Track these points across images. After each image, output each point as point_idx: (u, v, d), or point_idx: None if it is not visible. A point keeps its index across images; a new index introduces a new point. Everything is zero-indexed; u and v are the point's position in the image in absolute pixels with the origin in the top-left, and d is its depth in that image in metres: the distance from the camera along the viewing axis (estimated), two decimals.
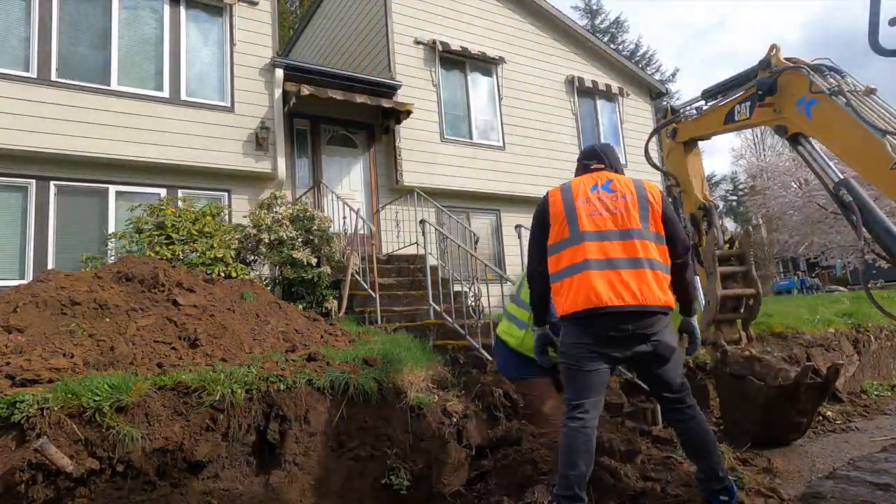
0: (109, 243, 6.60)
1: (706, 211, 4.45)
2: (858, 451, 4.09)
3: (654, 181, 4.93)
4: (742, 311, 4.51)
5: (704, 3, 62.92)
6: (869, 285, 3.49)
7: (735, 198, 31.33)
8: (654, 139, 5.05)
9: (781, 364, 4.32)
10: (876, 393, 6.20)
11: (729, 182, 31.81)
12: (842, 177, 3.20)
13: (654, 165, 4.93)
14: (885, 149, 2.71)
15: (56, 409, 2.63)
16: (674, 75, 32.80)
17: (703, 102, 4.48)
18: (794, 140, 3.44)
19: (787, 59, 3.50)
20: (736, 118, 3.83)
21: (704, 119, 4.34)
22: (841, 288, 20.86)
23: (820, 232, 15.95)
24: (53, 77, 6.99)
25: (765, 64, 3.59)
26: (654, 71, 30.22)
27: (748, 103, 3.70)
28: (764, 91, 3.40)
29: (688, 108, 4.66)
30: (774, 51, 3.55)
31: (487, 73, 10.90)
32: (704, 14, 64.90)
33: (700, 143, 4.70)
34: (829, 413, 5.25)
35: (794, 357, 6.11)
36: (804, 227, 16.25)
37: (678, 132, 4.59)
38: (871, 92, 2.99)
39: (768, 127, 3.69)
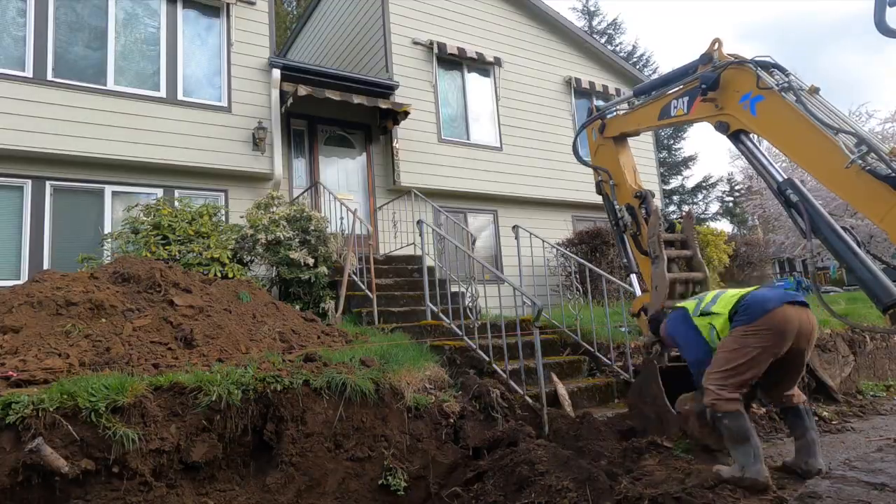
0: (106, 244, 6.58)
1: (642, 198, 4.37)
2: (854, 451, 4.10)
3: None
4: (689, 296, 4.28)
5: (704, 3, 63.07)
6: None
7: (731, 199, 31.42)
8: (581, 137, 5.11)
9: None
10: (871, 393, 6.22)
11: (725, 183, 31.88)
12: (785, 177, 3.14)
13: (582, 161, 4.98)
14: (837, 147, 2.65)
15: (51, 409, 2.62)
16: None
17: (633, 99, 4.45)
18: (736, 137, 3.36)
19: (729, 54, 3.41)
20: (672, 113, 3.75)
21: (636, 114, 4.30)
22: (836, 289, 20.92)
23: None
24: (49, 77, 6.96)
25: (706, 59, 3.49)
26: (651, 72, 30.27)
27: (685, 98, 3.62)
28: (708, 85, 3.31)
29: (614, 106, 4.71)
30: (717, 45, 3.45)
31: (485, 73, 10.90)
32: (703, 14, 65.08)
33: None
34: (825, 413, 5.27)
35: None
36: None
37: (606, 127, 4.61)
38: (815, 91, 2.93)
39: (709, 123, 3.48)
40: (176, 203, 6.89)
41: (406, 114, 9.12)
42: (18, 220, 6.81)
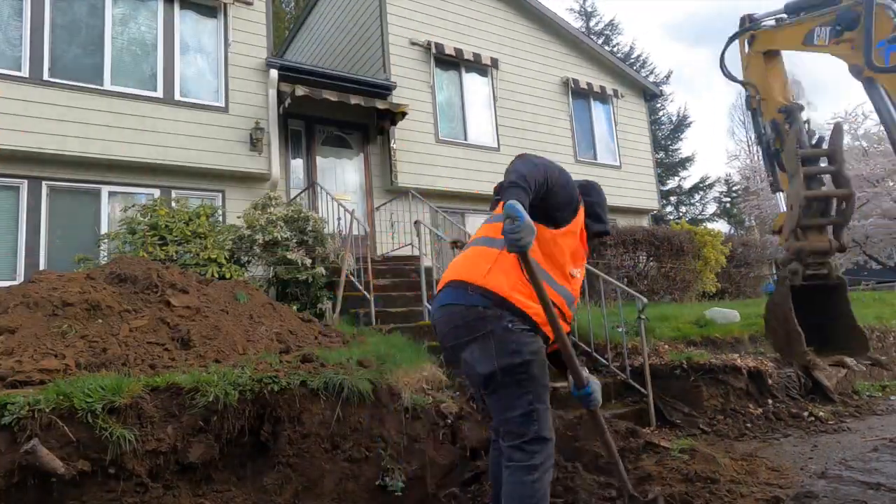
0: (102, 244, 6.56)
1: (787, 113, 4.14)
2: (850, 451, 4.11)
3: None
4: (833, 214, 4.07)
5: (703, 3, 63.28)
6: (861, 286, 3.41)
7: (728, 200, 31.50)
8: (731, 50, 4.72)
9: None
10: (867, 393, 6.24)
11: (723, 184, 31.98)
12: None
13: (729, 77, 4.65)
14: None
15: (47, 410, 2.61)
16: (668, 77, 32.89)
17: (783, 15, 4.16)
18: (870, 83, 3.16)
19: None
20: (815, 41, 3.56)
21: (784, 32, 4.06)
22: None
23: None
24: (45, 77, 6.94)
25: None
26: (648, 73, 30.34)
27: (829, 28, 3.41)
28: (843, 25, 3.13)
29: (765, 18, 4.38)
30: None
31: (482, 74, 10.91)
32: (702, 15, 65.31)
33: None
34: (821, 413, 5.28)
35: None
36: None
37: (757, 41, 4.34)
38: None
39: (844, 61, 3.28)
40: (173, 203, 6.87)
41: (403, 114, 9.12)
42: (14, 220, 6.79)
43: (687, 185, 31.22)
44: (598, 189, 2.76)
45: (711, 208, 31.40)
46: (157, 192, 7.47)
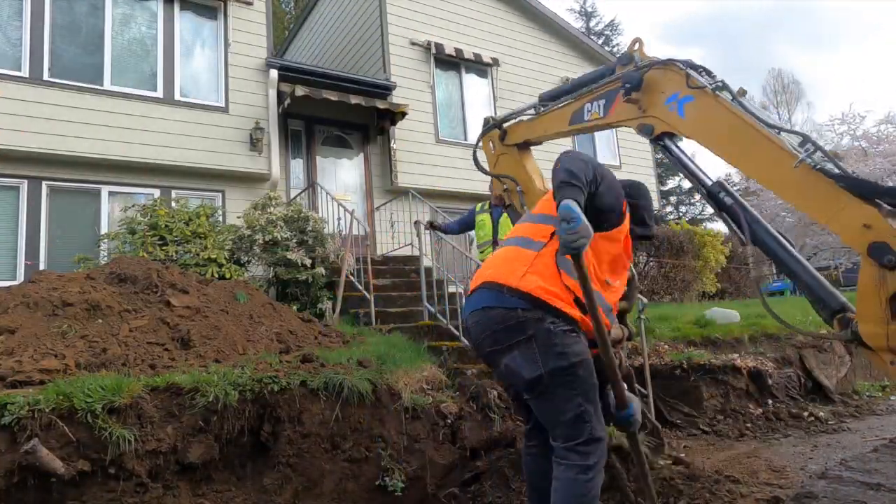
0: (102, 244, 6.56)
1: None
2: (850, 451, 4.11)
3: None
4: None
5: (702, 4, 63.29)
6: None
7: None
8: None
9: None
10: (867, 394, 6.24)
11: None
12: (714, 179, 2.98)
13: (483, 171, 4.56)
14: (781, 147, 2.49)
15: (47, 410, 2.61)
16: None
17: (540, 107, 4.13)
18: (659, 140, 3.16)
19: (651, 57, 3.23)
20: (586, 118, 3.50)
21: (543, 120, 4.01)
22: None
23: (812, 234, 16.06)
24: (46, 77, 6.94)
25: (626, 60, 3.28)
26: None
27: (602, 101, 3.38)
28: (633, 85, 3.06)
29: (516, 116, 4.34)
30: (638, 45, 3.27)
31: (482, 74, 10.91)
32: (701, 16, 65.24)
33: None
34: (821, 414, 5.29)
35: (787, 358, 6.15)
36: (797, 229, 16.35)
37: (508, 135, 4.26)
38: (743, 93, 2.76)
39: (629, 127, 3.26)
40: (173, 203, 6.87)
41: (403, 114, 9.12)
42: (14, 220, 6.79)
43: (687, 185, 31.23)
44: (645, 191, 2.77)
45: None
46: (157, 192, 7.46)
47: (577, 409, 2.09)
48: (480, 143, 4.47)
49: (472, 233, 7.63)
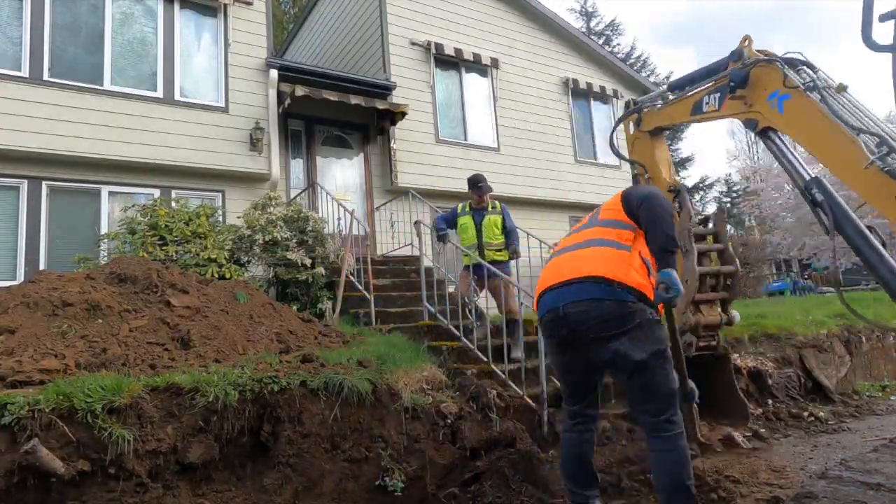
0: (102, 244, 6.56)
1: (677, 193, 4.38)
2: (850, 451, 4.11)
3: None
4: (721, 290, 4.40)
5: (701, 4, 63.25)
6: (861, 286, 3.46)
7: (729, 199, 31.53)
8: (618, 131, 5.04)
9: None
10: (867, 393, 6.24)
11: (723, 184, 32.00)
12: (813, 175, 3.14)
13: (618, 155, 4.95)
14: (859, 147, 2.67)
15: (47, 410, 2.61)
16: (668, 77, 32.92)
17: (668, 93, 4.46)
18: (764, 134, 3.38)
19: (759, 50, 3.42)
20: (704, 109, 3.78)
21: (670, 109, 4.33)
22: (833, 289, 20.92)
23: (812, 234, 16.06)
24: (45, 77, 6.94)
25: (736, 56, 3.48)
26: (648, 73, 30.35)
27: (717, 95, 3.64)
28: (737, 83, 3.32)
29: (650, 100, 4.68)
30: (747, 42, 3.46)
31: (482, 74, 10.91)
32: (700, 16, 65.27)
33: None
34: (821, 413, 5.28)
35: (787, 358, 6.15)
36: (797, 229, 16.36)
37: (643, 121, 4.62)
38: (843, 89, 2.93)
39: (737, 119, 3.56)
40: (173, 203, 6.87)
41: (403, 114, 9.12)
42: (14, 220, 6.78)
43: (687, 184, 31.25)
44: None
45: (711, 208, 31.43)
46: (156, 192, 7.46)
47: (670, 384, 2.53)
48: (620, 126, 4.85)
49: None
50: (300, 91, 8.10)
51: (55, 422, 2.60)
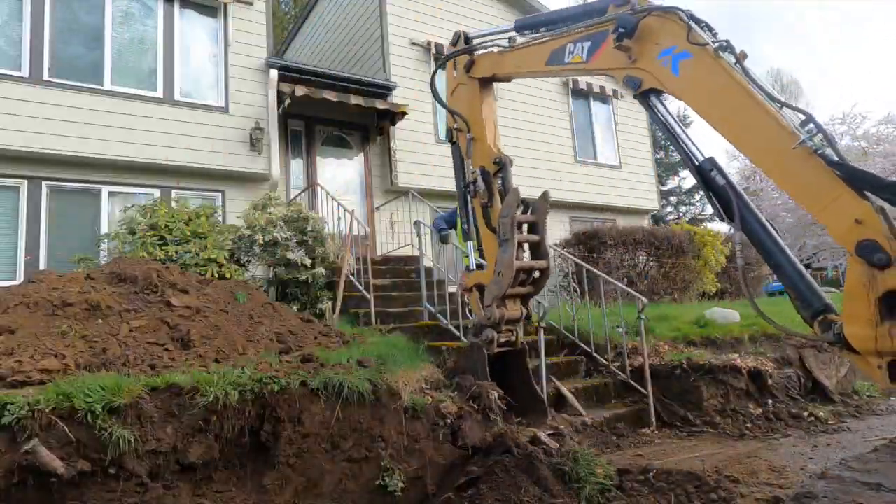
0: (102, 244, 6.56)
1: (501, 166, 3.72)
2: (850, 451, 4.11)
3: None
4: (529, 284, 3.85)
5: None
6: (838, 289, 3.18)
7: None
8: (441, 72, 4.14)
9: None
10: (867, 394, 6.24)
11: None
12: (706, 155, 2.71)
13: (440, 102, 4.18)
14: (785, 125, 2.27)
15: (47, 410, 2.61)
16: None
17: (513, 34, 3.67)
18: (645, 97, 2.85)
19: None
20: (566, 59, 3.10)
21: (518, 53, 3.54)
22: (833, 290, 20.97)
23: (812, 234, 16.06)
24: (45, 77, 6.94)
25: (622, 0, 2.87)
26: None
27: (587, 43, 3.00)
28: (627, 31, 2.72)
29: (490, 39, 3.80)
30: None
31: None
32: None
33: None
34: (820, 413, 5.29)
35: (787, 358, 6.16)
36: (797, 229, 16.35)
37: (476, 64, 3.77)
38: (745, 57, 2.49)
39: (612, 76, 2.96)
40: (173, 203, 6.87)
41: (403, 114, 9.12)
42: (14, 220, 6.79)
43: (687, 185, 31.24)
44: None
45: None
46: (157, 192, 7.46)
47: None
48: (444, 65, 4.00)
49: None
50: (300, 91, 8.10)
51: (55, 422, 2.60)
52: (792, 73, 52.88)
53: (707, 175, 2.63)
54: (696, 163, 2.69)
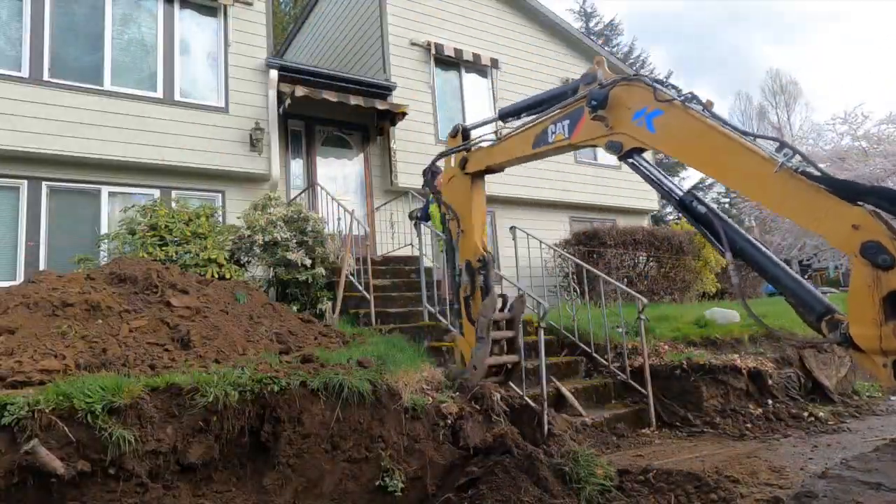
0: (102, 244, 6.56)
1: (484, 265, 3.89)
2: (851, 451, 4.11)
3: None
4: (501, 375, 3.96)
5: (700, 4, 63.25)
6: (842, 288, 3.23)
7: (728, 200, 31.52)
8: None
9: None
10: (867, 394, 6.24)
11: (722, 185, 32.00)
12: (684, 190, 2.93)
13: (437, 199, 4.39)
14: (760, 154, 2.43)
15: (47, 411, 2.61)
16: (668, 77, 32.92)
17: (498, 125, 3.97)
18: (628, 157, 3.08)
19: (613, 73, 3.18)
20: (550, 140, 3.39)
21: (506, 144, 3.84)
22: (834, 290, 20.99)
23: (812, 234, 16.05)
24: (46, 77, 6.94)
25: (590, 78, 3.19)
26: (648, 73, 30.37)
27: (566, 122, 3.29)
28: (598, 103, 3.00)
29: (482, 132, 4.13)
30: (600, 64, 3.21)
31: (482, 74, 10.91)
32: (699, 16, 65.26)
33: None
34: (821, 414, 5.29)
35: (787, 358, 6.15)
36: (797, 229, 16.35)
37: (469, 161, 4.07)
38: (711, 105, 2.72)
39: (596, 146, 3.19)
40: (173, 204, 6.87)
41: (403, 115, 9.12)
42: (14, 220, 6.79)
43: (686, 185, 31.22)
44: None
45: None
46: (156, 193, 7.46)
47: None
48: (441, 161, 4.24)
49: None
50: (300, 91, 8.10)
51: (55, 422, 2.60)
52: (791, 74, 52.94)
53: (690, 207, 2.83)
54: (677, 198, 2.90)
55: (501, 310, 3.90)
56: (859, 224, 2.12)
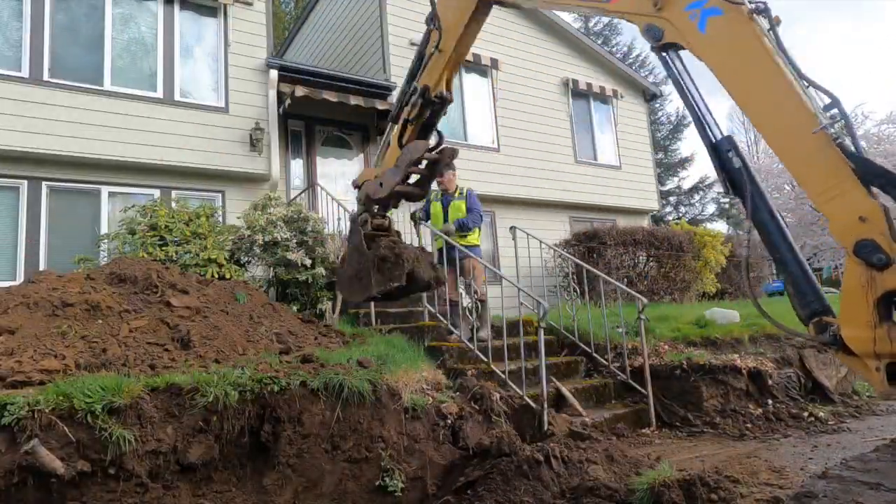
0: (102, 244, 6.56)
1: (441, 101, 3.53)
2: (851, 451, 4.11)
3: None
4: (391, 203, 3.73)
5: None
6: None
7: (728, 200, 31.51)
8: None
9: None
10: (867, 394, 6.24)
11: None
12: (725, 133, 2.51)
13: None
14: (807, 105, 2.12)
15: (47, 410, 2.61)
16: (667, 77, 32.87)
17: None
18: (663, 51, 2.60)
19: None
20: None
21: None
22: (833, 290, 20.94)
23: (812, 234, 16.08)
24: (45, 77, 6.94)
25: None
26: (647, 73, 30.37)
27: None
28: None
29: None
30: None
31: (482, 74, 10.91)
32: None
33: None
34: (821, 414, 5.28)
35: (787, 358, 6.15)
36: (797, 229, 16.37)
37: None
38: (779, 23, 2.27)
39: (632, 23, 2.64)
40: (173, 204, 6.87)
41: None
42: (14, 220, 6.78)
43: (686, 185, 31.26)
44: None
45: (711, 209, 31.38)
46: (156, 193, 7.46)
47: None
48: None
49: None
50: (300, 91, 8.10)
51: (55, 422, 2.60)
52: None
53: (724, 154, 2.44)
54: (713, 140, 2.49)
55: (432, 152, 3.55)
56: (867, 217, 1.99)
